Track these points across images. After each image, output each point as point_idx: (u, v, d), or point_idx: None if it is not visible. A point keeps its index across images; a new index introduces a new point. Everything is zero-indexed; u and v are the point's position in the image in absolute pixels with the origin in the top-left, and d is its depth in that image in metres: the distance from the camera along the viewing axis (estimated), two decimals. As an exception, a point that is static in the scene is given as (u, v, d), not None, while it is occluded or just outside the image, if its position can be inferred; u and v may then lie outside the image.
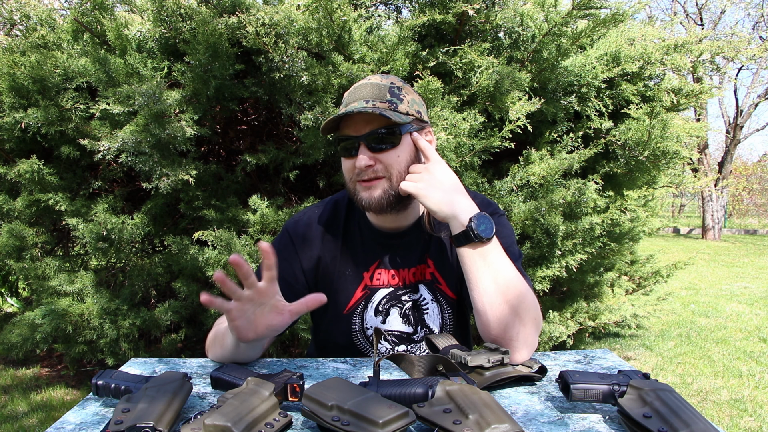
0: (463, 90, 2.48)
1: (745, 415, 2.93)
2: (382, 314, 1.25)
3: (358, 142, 1.11)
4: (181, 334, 2.93)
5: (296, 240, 1.25)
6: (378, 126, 1.10)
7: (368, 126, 1.11)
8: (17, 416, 2.83)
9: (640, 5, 2.71)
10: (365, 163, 1.10)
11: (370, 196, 1.13)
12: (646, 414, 0.79)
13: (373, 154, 1.11)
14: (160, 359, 1.15)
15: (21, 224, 2.67)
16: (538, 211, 2.51)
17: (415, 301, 1.26)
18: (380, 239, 1.25)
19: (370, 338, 1.24)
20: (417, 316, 1.25)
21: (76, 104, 2.49)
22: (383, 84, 1.14)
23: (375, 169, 1.11)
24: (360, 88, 1.14)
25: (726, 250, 11.23)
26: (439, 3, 2.41)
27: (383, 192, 1.12)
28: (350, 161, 1.13)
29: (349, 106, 1.12)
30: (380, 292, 1.24)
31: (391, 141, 1.12)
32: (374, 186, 1.12)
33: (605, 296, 3.45)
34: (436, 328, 1.27)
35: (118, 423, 0.76)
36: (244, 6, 2.26)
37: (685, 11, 15.04)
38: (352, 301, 1.24)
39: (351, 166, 1.13)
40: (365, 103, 1.10)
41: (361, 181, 1.13)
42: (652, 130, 2.54)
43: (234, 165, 2.73)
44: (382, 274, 1.24)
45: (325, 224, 1.26)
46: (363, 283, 1.24)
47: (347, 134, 1.13)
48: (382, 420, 0.74)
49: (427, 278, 1.26)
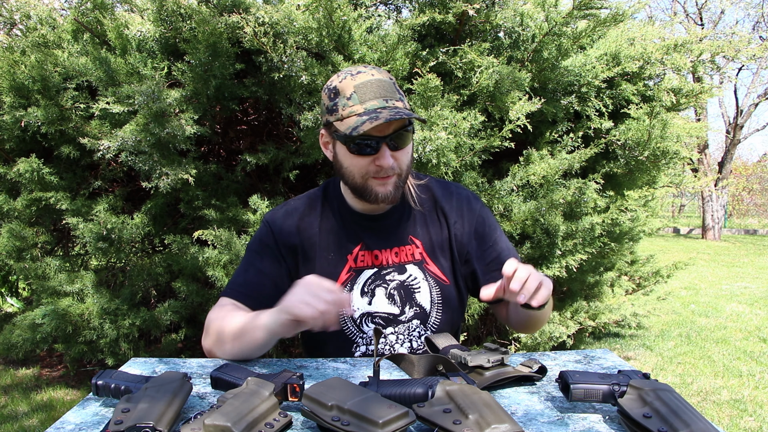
0: (463, 90, 2.48)
1: (745, 415, 2.93)
2: (368, 295, 1.27)
3: (381, 142, 1.14)
4: (181, 334, 2.93)
5: (275, 230, 1.28)
6: (398, 126, 1.15)
7: (390, 126, 1.14)
8: (17, 416, 2.83)
9: (640, 5, 2.71)
10: (392, 163, 1.15)
11: (386, 191, 1.18)
12: (646, 414, 0.79)
13: (393, 153, 1.16)
14: (160, 359, 1.15)
15: (21, 224, 2.67)
16: (539, 211, 2.51)
17: (402, 281, 1.28)
18: (362, 222, 1.28)
19: (357, 320, 1.26)
20: (404, 295, 1.27)
21: (76, 103, 2.50)
22: (386, 80, 1.16)
23: (392, 166, 1.16)
24: (370, 86, 1.14)
25: (726, 250, 11.23)
26: (439, 3, 2.41)
27: (395, 187, 1.19)
28: (367, 159, 1.16)
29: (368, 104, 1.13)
30: (365, 273, 1.27)
31: (407, 139, 1.18)
32: (388, 182, 1.18)
33: (605, 296, 3.45)
34: (427, 306, 1.29)
35: (118, 423, 0.76)
36: (243, 5, 2.26)
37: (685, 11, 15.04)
38: (338, 284, 1.26)
39: (367, 163, 1.16)
40: (386, 103, 1.13)
41: (378, 177, 1.17)
42: (652, 130, 2.54)
43: (234, 165, 2.73)
44: (366, 255, 1.27)
45: (302, 213, 1.30)
46: (347, 265, 1.27)
47: (371, 134, 1.14)
48: (382, 420, 0.74)
49: (416, 258, 1.29)
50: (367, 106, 1.12)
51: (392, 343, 1.26)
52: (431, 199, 1.33)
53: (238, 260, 2.39)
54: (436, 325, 1.29)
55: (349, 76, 1.16)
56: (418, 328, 1.27)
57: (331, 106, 1.17)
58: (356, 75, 1.16)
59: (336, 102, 1.16)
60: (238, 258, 2.38)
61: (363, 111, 1.12)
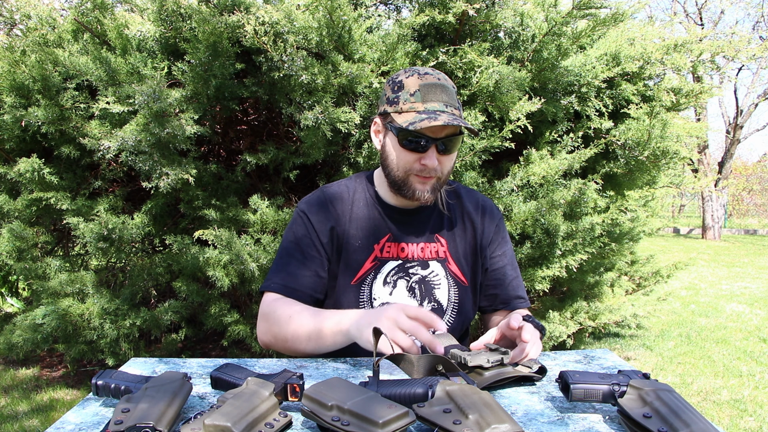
0: (463, 90, 2.48)
1: (745, 415, 2.93)
2: (390, 285, 1.30)
3: (432, 143, 1.18)
4: (181, 334, 2.93)
5: (311, 217, 1.30)
6: (451, 132, 1.20)
7: (444, 130, 1.18)
8: (18, 416, 2.83)
9: (640, 5, 2.70)
10: (436, 164, 1.20)
11: (424, 189, 1.23)
12: (646, 414, 0.79)
13: (439, 156, 1.20)
14: (160, 359, 1.15)
15: (21, 224, 2.67)
16: (539, 211, 2.51)
17: (424, 276, 1.31)
18: (393, 215, 1.32)
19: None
20: (424, 290, 1.31)
21: (77, 103, 2.50)
22: (449, 87, 1.22)
23: (435, 168, 1.20)
24: (434, 89, 1.19)
25: (726, 250, 11.23)
26: (439, 3, 2.41)
27: (432, 188, 1.24)
28: (415, 155, 1.20)
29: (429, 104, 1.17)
30: (389, 264, 1.30)
31: (455, 146, 1.22)
32: (428, 182, 1.23)
33: (605, 296, 3.45)
34: (444, 303, 1.32)
35: (118, 423, 0.76)
36: (243, 5, 2.26)
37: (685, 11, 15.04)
38: (362, 272, 1.29)
39: (413, 159, 1.20)
40: (446, 107, 1.18)
41: (420, 175, 1.21)
42: (652, 130, 2.54)
43: (234, 165, 2.73)
44: (392, 247, 1.30)
45: (336, 200, 1.33)
46: (373, 254, 1.29)
47: (425, 133, 1.17)
48: (382, 420, 0.74)
49: (441, 257, 1.33)
50: (428, 106, 1.17)
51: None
52: (459, 205, 1.38)
53: (238, 260, 2.39)
54: (449, 323, 1.32)
55: (416, 74, 1.21)
56: None
57: (392, 98, 1.21)
58: (423, 75, 1.21)
59: (398, 95, 1.20)
60: (238, 258, 2.38)
61: (423, 110, 1.17)
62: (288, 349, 1.21)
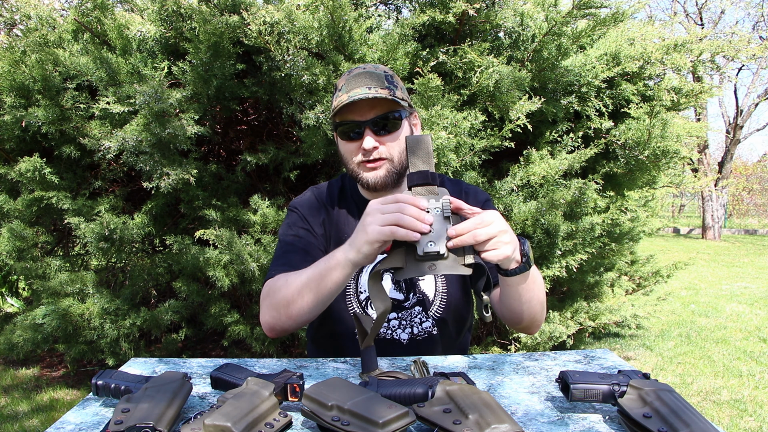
0: (463, 89, 2.48)
1: (745, 415, 2.93)
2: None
3: (364, 126, 1.19)
4: (181, 334, 2.93)
5: (304, 211, 1.33)
6: (381, 111, 1.19)
7: (372, 111, 1.18)
8: (18, 416, 2.83)
9: (640, 5, 2.70)
10: (372, 145, 1.18)
11: (375, 176, 1.22)
12: (646, 414, 0.79)
13: (377, 138, 1.20)
14: (160, 359, 1.15)
15: (21, 224, 2.67)
16: (539, 211, 2.51)
17: None
18: None
19: (363, 303, 1.30)
20: (409, 282, 1.31)
21: (77, 103, 2.50)
22: (378, 72, 1.22)
23: (379, 151, 1.20)
24: (358, 77, 1.20)
25: (726, 250, 11.23)
26: (440, 3, 2.41)
27: (387, 172, 1.22)
28: (353, 144, 1.21)
29: (352, 92, 1.17)
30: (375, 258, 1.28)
31: (393, 125, 1.21)
32: (378, 167, 1.21)
33: (605, 296, 3.45)
34: (431, 294, 1.32)
35: (118, 423, 0.76)
36: (244, 5, 2.26)
37: (685, 11, 15.03)
38: None
39: (354, 148, 1.21)
40: (368, 90, 1.17)
41: (366, 162, 1.21)
42: (652, 130, 2.54)
43: (234, 165, 2.73)
44: None
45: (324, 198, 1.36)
46: None
47: (352, 119, 1.19)
48: (382, 420, 0.74)
49: None
50: (351, 93, 1.17)
51: (394, 328, 1.29)
52: None
53: (239, 260, 2.39)
54: (438, 313, 1.32)
55: (347, 73, 1.24)
56: (420, 315, 1.31)
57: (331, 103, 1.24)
58: (353, 71, 1.23)
59: (333, 98, 1.24)
60: (239, 258, 2.38)
61: (346, 99, 1.17)
62: (291, 316, 1.15)
